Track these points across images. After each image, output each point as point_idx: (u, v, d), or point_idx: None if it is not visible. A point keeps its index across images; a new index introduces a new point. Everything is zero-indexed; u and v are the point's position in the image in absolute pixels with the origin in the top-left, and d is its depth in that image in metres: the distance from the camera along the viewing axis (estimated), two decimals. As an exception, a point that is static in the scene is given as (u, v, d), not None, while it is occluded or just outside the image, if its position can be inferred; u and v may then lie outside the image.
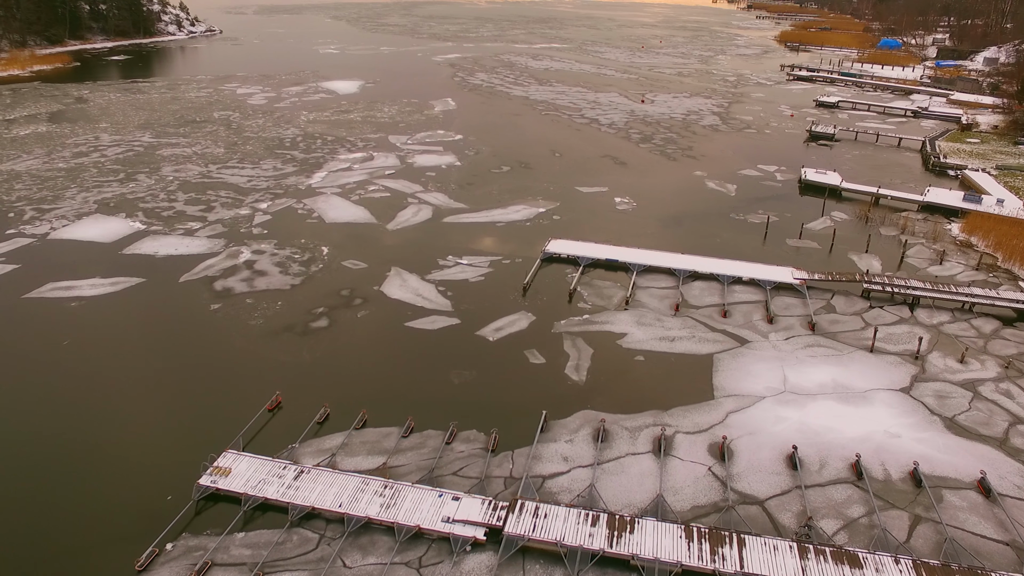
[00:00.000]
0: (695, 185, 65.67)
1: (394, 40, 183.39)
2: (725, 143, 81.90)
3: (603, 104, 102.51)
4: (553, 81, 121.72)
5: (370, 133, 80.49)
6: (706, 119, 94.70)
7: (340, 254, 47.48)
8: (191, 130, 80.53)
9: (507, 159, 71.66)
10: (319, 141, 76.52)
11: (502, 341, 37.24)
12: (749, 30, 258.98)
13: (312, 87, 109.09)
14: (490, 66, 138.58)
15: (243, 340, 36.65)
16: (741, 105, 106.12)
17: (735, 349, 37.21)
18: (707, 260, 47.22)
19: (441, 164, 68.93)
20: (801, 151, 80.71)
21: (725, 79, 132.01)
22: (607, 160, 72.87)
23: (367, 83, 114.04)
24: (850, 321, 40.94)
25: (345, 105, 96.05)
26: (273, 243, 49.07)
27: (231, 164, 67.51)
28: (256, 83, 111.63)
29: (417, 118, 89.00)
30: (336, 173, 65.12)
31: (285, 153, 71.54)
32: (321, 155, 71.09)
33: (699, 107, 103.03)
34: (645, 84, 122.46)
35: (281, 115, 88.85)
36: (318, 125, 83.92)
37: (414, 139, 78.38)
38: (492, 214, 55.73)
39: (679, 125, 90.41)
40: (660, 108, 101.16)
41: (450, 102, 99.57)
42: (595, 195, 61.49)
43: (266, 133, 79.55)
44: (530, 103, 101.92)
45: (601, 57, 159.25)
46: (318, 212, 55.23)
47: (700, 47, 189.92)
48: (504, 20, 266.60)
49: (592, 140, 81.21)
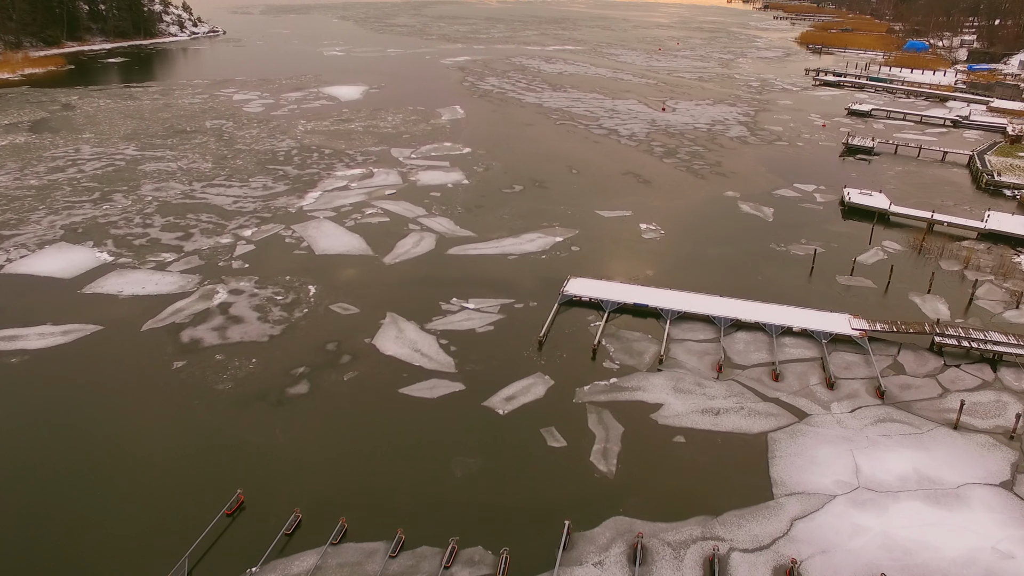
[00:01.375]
0: (728, 208, 59.41)
1: (402, 42, 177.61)
2: (756, 157, 75.53)
3: (621, 112, 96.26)
4: (567, 87, 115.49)
5: (371, 145, 74.61)
6: (733, 129, 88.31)
7: (329, 295, 41.60)
8: (179, 141, 74.91)
9: (519, 176, 65.61)
10: (315, 155, 70.70)
11: (514, 415, 31.22)
12: (768, 31, 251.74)
13: (313, 93, 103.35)
14: (501, 70, 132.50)
15: (206, 412, 30.79)
16: (768, 114, 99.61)
17: (793, 426, 31.09)
18: (750, 305, 41.06)
19: (447, 182, 62.96)
20: (839, 167, 74.27)
21: (748, 84, 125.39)
22: (629, 178, 66.68)
23: (371, 88, 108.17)
24: (924, 386, 34.70)
25: (346, 113, 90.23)
26: (254, 280, 43.23)
27: (217, 182, 61.80)
28: (254, 88, 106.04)
29: (423, 128, 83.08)
30: (331, 193, 59.27)
31: (277, 169, 65.76)
32: (316, 171, 65.28)
33: (724, 116, 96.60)
34: (665, 90, 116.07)
35: (277, 124, 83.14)
36: (316, 136, 78.12)
37: (419, 152, 72.45)
38: (503, 244, 49.69)
39: (704, 136, 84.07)
40: (682, 117, 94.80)
41: (458, 110, 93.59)
42: (618, 221, 55.35)
43: (259, 145, 73.82)
44: (544, 111, 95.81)
45: (617, 60, 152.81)
46: (308, 241, 49.38)
47: (719, 49, 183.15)
48: (516, 20, 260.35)
49: (612, 154, 75.04)
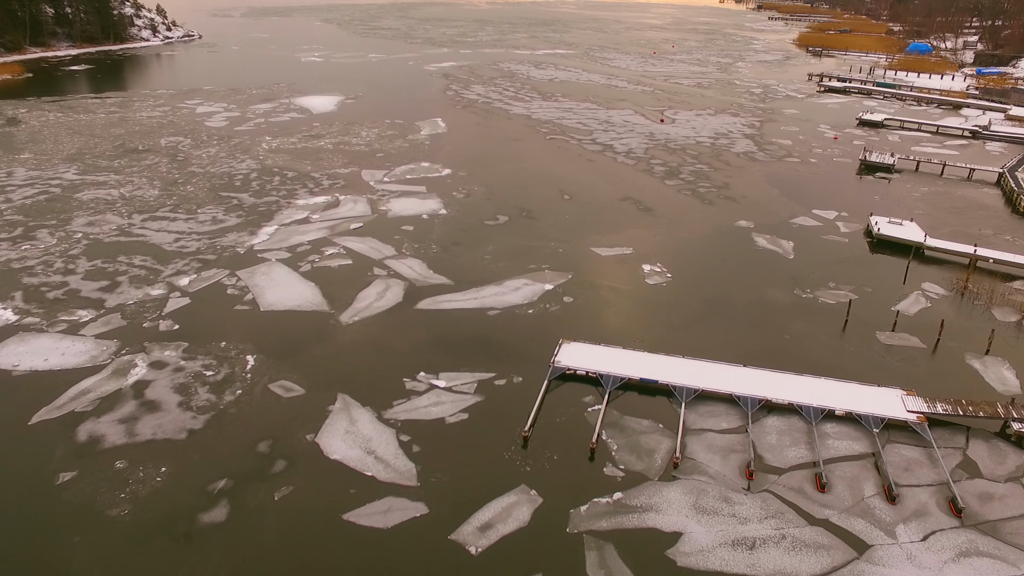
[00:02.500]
0: (741, 242, 52.29)
1: (385, 46, 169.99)
2: (766, 177, 68.46)
3: (617, 124, 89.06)
4: (558, 95, 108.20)
5: (340, 166, 67.14)
6: (738, 144, 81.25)
7: (270, 368, 34.22)
8: (127, 163, 67.28)
9: (505, 203, 58.33)
10: (277, 178, 63.21)
11: (491, 555, 23.93)
12: (764, 32, 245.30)
13: (283, 104, 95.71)
14: (488, 76, 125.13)
15: (88, 559, 23.36)
16: (775, 124, 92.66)
17: (852, 564, 23.93)
18: (780, 378, 33.94)
19: (422, 212, 55.60)
20: (858, 187, 67.34)
21: (750, 91, 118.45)
22: (628, 205, 59.47)
23: (347, 99, 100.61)
24: (1009, 496, 27.70)
25: (317, 128, 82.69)
26: (182, 348, 35.80)
27: (162, 213, 54.29)
28: (221, 99, 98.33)
29: (399, 145, 75.64)
30: (288, 228, 51.84)
31: (231, 197, 58.25)
32: (275, 199, 57.82)
33: (727, 127, 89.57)
34: (662, 98, 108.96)
35: (239, 142, 75.54)
36: (280, 155, 70.58)
37: (392, 175, 65.04)
38: (483, 294, 42.38)
39: (708, 152, 76.96)
40: (683, 129, 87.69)
41: (440, 123, 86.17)
42: (617, 261, 48.12)
43: (216, 167, 66.25)
44: (532, 123, 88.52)
45: (610, 65, 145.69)
46: (253, 292, 41.95)
47: (716, 52, 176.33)
48: (505, 23, 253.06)
49: (608, 175, 67.80)
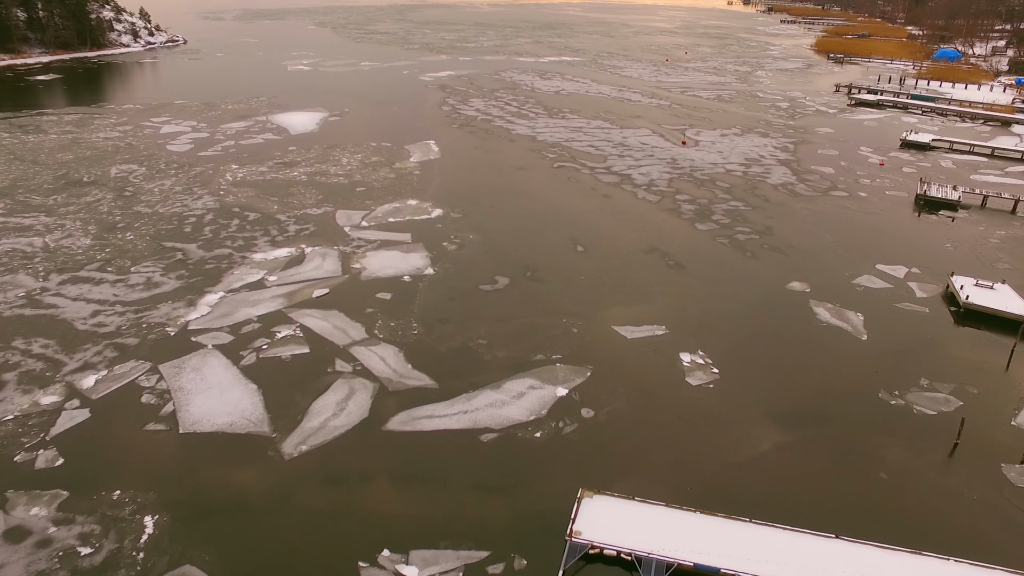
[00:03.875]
0: (799, 314, 42.02)
1: (380, 52, 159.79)
2: (814, 218, 58.22)
3: (633, 148, 78.79)
4: (566, 111, 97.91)
5: (312, 206, 57.01)
6: (774, 172, 70.98)
7: (173, 544, 24.15)
8: (65, 199, 57.33)
9: (505, 258, 48.15)
10: (235, 222, 53.14)
11: None
12: (779, 37, 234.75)
13: (259, 123, 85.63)
14: (488, 88, 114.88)
15: None
16: (810, 147, 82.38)
17: None
18: (884, 556, 23.78)
19: (404, 272, 45.42)
20: (921, 231, 57.13)
21: (776, 105, 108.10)
22: (655, 259, 49.24)
23: (331, 116, 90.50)
24: None
25: (292, 153, 72.56)
26: (57, 503, 25.80)
27: (87, 272, 44.29)
28: (192, 116, 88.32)
29: (383, 176, 65.47)
30: (237, 296, 41.75)
31: (176, 249, 48.20)
32: (228, 252, 47.75)
33: (758, 151, 79.31)
34: (681, 114, 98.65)
35: (201, 172, 65.48)
36: (244, 191, 60.48)
37: (373, 217, 54.90)
38: (475, 404, 32.21)
39: (741, 184, 66.70)
40: (708, 154, 77.43)
41: (432, 147, 75.99)
42: (647, 346, 37.91)
43: (166, 206, 56.23)
44: (538, 147, 78.29)
45: (621, 74, 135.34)
46: (176, 400, 31.90)
47: (732, 59, 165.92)
48: (507, 26, 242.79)
49: (628, 216, 57.58)
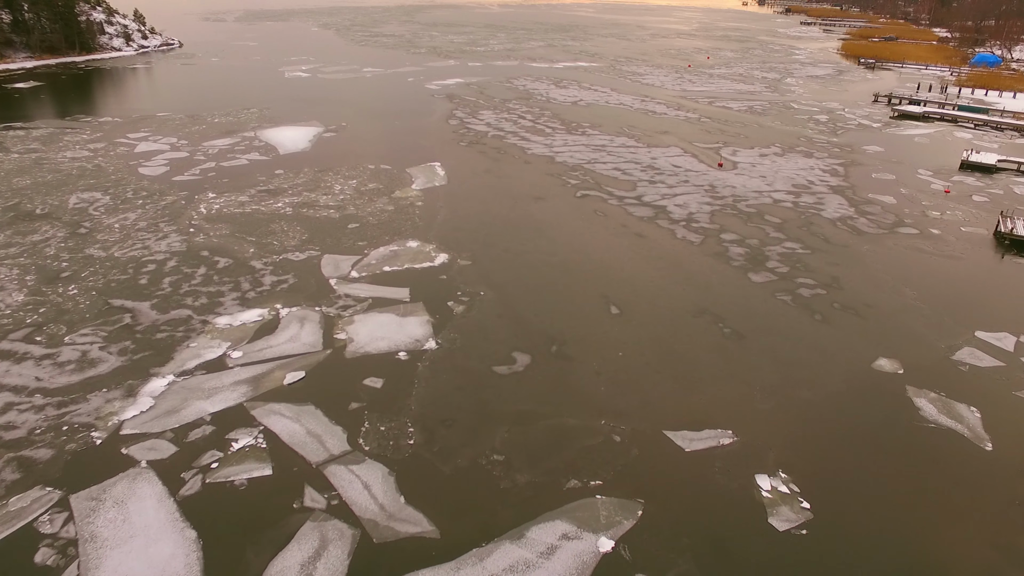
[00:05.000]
0: (897, 410, 33.02)
1: (384, 57, 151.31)
2: (887, 266, 49.19)
3: (665, 171, 69.88)
4: (586, 126, 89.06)
5: (294, 248, 48.40)
6: (827, 203, 61.96)
7: None
8: (8, 238, 48.99)
9: (524, 326, 39.33)
10: (201, 271, 44.59)
11: None
12: (802, 40, 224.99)
13: (246, 139, 77.19)
14: (500, 98, 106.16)
15: None
16: (862, 170, 73.30)
17: None
18: None
19: (399, 348, 36.64)
20: (1017, 282, 48.01)
21: (814, 118, 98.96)
22: (706, 325, 40.31)
23: (326, 131, 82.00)
24: None
25: (279, 178, 64.05)
26: None
27: (8, 344, 35.85)
28: (173, 130, 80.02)
29: (381, 208, 56.86)
30: (189, 381, 33.15)
31: (125, 309, 39.68)
32: (187, 315, 39.20)
33: (805, 175, 70.30)
34: (712, 129, 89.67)
35: (172, 202, 57.07)
36: (217, 228, 51.97)
37: (365, 265, 46.24)
38: (487, 570, 23.45)
39: (794, 219, 57.73)
40: (750, 178, 68.45)
41: (437, 170, 67.33)
42: (711, 462, 28.99)
43: (124, 248, 47.77)
44: (557, 170, 69.50)
45: (642, 82, 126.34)
46: (82, 558, 23.26)
47: (758, 65, 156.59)
48: (519, 28, 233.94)
49: (668, 264, 48.66)
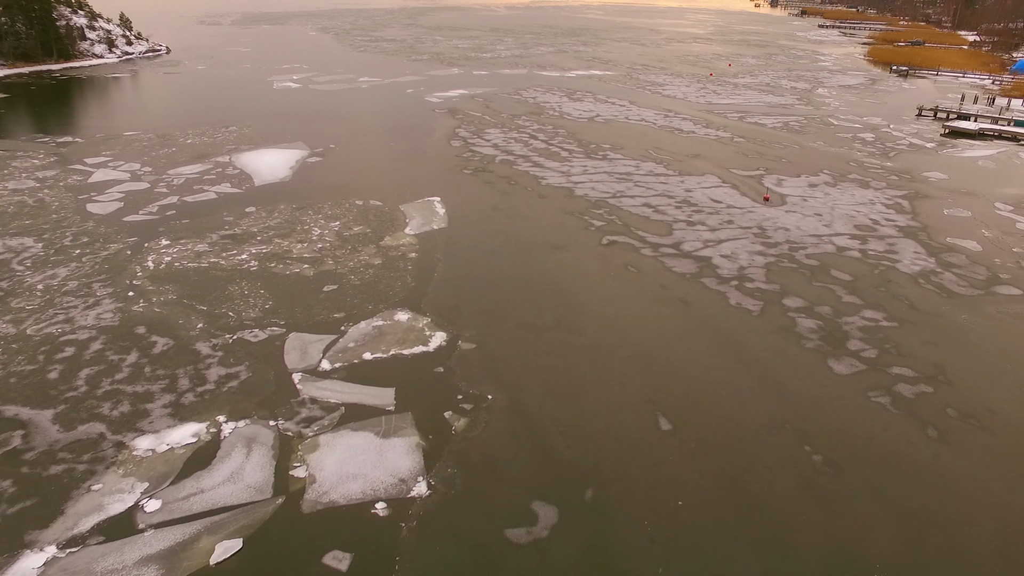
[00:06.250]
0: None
1: (383, 65, 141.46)
2: (999, 346, 38.91)
3: (703, 208, 59.70)
4: (607, 148, 78.94)
5: (252, 324, 38.41)
6: (901, 251, 51.68)
7: None
8: (-102, 306, 39.33)
9: (547, 457, 29.04)
10: (131, 358, 34.65)
11: None
12: (824, 44, 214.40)
13: (219, 166, 67.40)
14: (509, 113, 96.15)
15: None
16: (930, 204, 63.08)
17: None
18: None
19: (376, 497, 26.44)
20: None
21: (859, 137, 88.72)
22: (789, 448, 30.04)
23: (311, 155, 72.15)
24: None
25: (249, 218, 54.17)
26: None
27: None
28: (137, 155, 70.33)
29: (365, 262, 46.86)
30: (76, 557, 23.12)
31: (18, 421, 29.69)
32: (98, 432, 29.23)
33: (865, 211, 60.08)
34: (748, 151, 79.48)
35: (116, 251, 47.25)
36: (164, 289, 42.06)
37: (338, 351, 36.23)
38: None
39: (866, 274, 47.46)
40: (804, 217, 58.21)
41: (436, 208, 57.32)
42: None
43: (41, 322, 37.89)
44: (578, 207, 59.41)
45: (662, 93, 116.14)
46: None
47: (784, 73, 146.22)
48: (526, 32, 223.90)
49: (722, 343, 38.43)
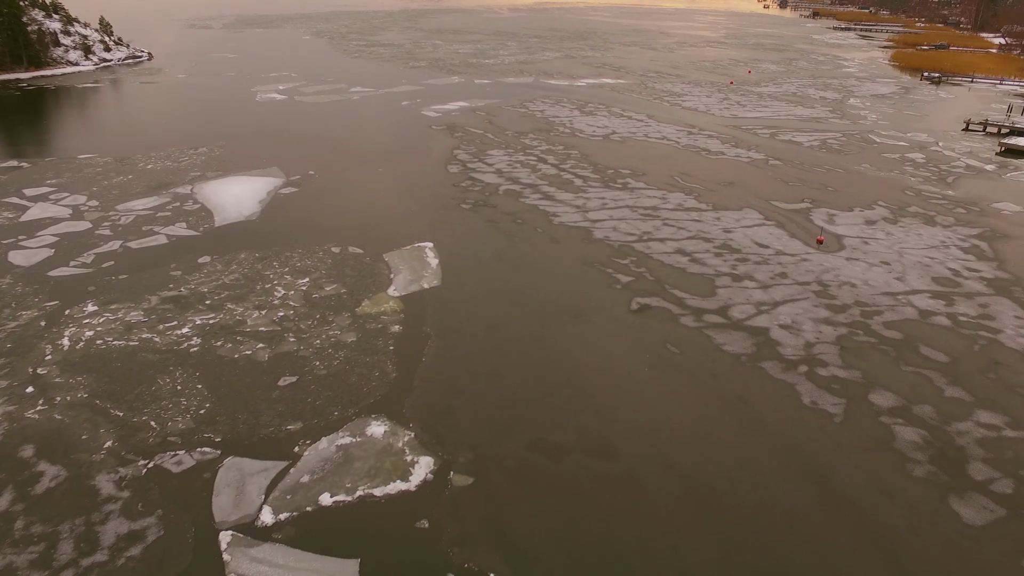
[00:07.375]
0: None
1: (377, 73, 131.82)
2: None
3: (747, 253, 49.96)
4: (627, 174, 69.17)
5: (176, 444, 28.78)
6: (1000, 316, 41.90)
7: None
8: None
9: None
10: (2, 499, 25.24)
11: None
12: (843, 48, 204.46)
13: (178, 199, 57.90)
14: (514, 131, 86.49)
15: None
16: (1013, 244, 53.41)
17: None
18: None
19: None
20: None
21: (907, 158, 78.98)
22: None
23: (285, 185, 62.60)
24: None
25: (200, 272, 44.59)
26: None
27: None
28: (86, 185, 60.94)
29: (335, 340, 37.26)
30: None
31: None
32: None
33: (940, 256, 50.34)
34: (789, 177, 69.73)
35: (27, 323, 37.73)
36: (72, 383, 32.50)
37: (287, 490, 26.59)
38: None
39: (963, 352, 37.71)
40: (869, 266, 48.46)
41: (428, 260, 47.66)
42: None
43: None
44: (598, 255, 49.65)
45: (682, 105, 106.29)
46: None
47: (809, 80, 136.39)
48: (531, 36, 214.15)
49: (802, 470, 28.75)
